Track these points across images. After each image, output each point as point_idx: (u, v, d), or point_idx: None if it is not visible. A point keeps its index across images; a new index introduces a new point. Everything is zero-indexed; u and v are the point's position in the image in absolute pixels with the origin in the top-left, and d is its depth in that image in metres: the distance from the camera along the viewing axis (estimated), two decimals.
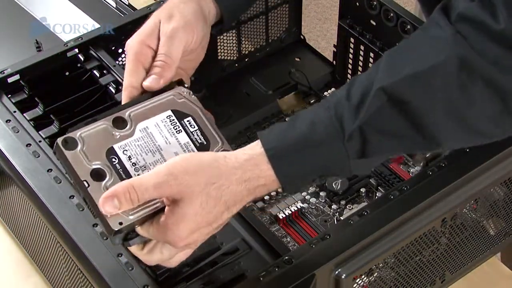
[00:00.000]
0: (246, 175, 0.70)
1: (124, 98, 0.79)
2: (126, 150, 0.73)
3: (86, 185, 0.70)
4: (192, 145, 0.75)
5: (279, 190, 0.94)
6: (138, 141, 0.74)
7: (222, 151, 0.75)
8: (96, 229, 0.80)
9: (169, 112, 0.76)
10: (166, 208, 0.70)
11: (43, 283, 0.94)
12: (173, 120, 0.76)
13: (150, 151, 0.74)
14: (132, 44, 0.80)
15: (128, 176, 0.72)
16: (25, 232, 0.94)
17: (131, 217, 0.69)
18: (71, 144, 0.72)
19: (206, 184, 0.69)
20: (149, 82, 0.78)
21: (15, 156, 0.87)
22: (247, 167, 0.70)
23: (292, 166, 0.71)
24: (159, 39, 0.80)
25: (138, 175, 0.72)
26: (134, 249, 0.73)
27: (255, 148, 0.71)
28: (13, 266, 0.97)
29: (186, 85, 0.79)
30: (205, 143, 0.75)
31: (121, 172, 0.72)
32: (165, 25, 0.80)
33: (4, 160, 0.87)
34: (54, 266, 0.88)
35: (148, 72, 0.79)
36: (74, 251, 0.79)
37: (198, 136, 0.76)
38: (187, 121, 0.76)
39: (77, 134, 0.72)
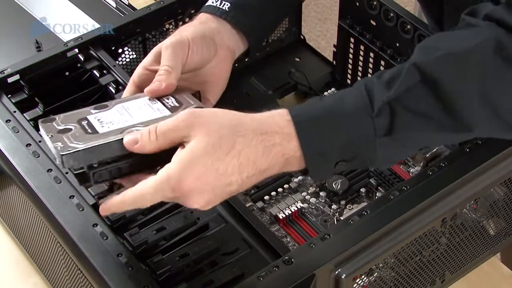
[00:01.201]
0: (264, 128, 0.68)
1: None
2: (98, 117, 0.76)
3: (50, 136, 0.73)
4: (164, 108, 0.77)
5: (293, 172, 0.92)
6: (112, 111, 0.77)
7: (193, 107, 0.76)
8: (96, 229, 0.80)
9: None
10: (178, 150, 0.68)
11: (43, 283, 0.94)
12: (153, 99, 0.79)
13: (121, 114, 0.77)
14: (135, 71, 0.83)
15: (92, 128, 0.74)
16: (25, 232, 0.94)
17: (80, 145, 0.71)
18: (49, 120, 0.76)
19: (222, 126, 0.67)
20: (150, 86, 0.79)
21: (15, 156, 0.87)
22: (266, 121, 0.69)
23: (314, 132, 0.69)
24: (158, 64, 0.82)
25: (102, 126, 0.74)
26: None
27: (280, 110, 0.70)
28: (13, 266, 0.97)
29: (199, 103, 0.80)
30: (177, 105, 0.77)
31: (86, 126, 0.74)
32: (164, 42, 0.83)
33: (4, 160, 0.87)
34: (54, 266, 0.88)
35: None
36: (74, 251, 0.79)
37: (171, 102, 0.78)
38: (167, 97, 0.78)
39: (58, 115, 0.77)
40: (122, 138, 0.72)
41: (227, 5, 0.87)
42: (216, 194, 0.69)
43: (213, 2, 0.88)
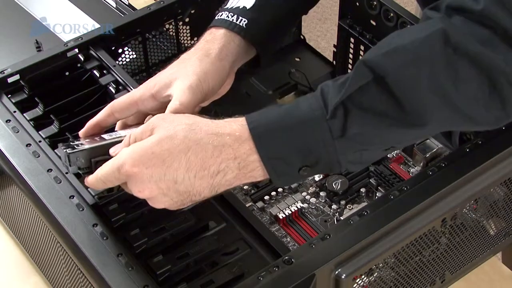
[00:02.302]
0: (215, 129, 0.70)
1: (85, 130, 0.83)
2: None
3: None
4: None
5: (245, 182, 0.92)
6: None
7: None
8: (96, 229, 0.80)
9: None
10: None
11: (43, 283, 0.94)
12: None
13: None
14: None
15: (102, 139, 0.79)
16: (25, 232, 0.94)
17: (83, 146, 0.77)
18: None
19: (179, 124, 0.71)
20: None
21: (15, 156, 0.87)
22: (220, 124, 0.71)
23: (269, 135, 0.69)
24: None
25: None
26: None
27: (237, 118, 0.72)
28: (13, 266, 0.97)
29: None
30: None
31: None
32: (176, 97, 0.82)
33: (4, 160, 0.87)
34: (54, 266, 0.88)
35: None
36: (74, 251, 0.79)
37: None
38: None
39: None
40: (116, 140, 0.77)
41: (245, 21, 0.86)
42: (163, 188, 0.71)
43: (228, 17, 0.86)
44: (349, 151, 0.70)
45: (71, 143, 0.78)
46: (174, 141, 0.70)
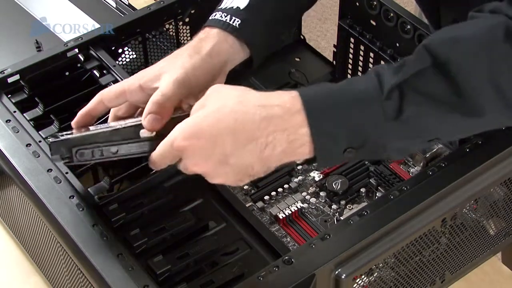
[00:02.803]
0: (264, 100, 0.70)
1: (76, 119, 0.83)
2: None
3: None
4: None
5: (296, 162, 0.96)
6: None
7: None
8: (96, 229, 0.80)
9: None
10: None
11: (43, 283, 0.94)
12: None
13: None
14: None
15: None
16: (25, 232, 0.94)
17: (68, 136, 0.76)
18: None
19: (231, 96, 0.72)
20: (150, 122, 0.78)
21: (15, 156, 0.87)
22: (270, 94, 0.71)
23: (323, 108, 0.69)
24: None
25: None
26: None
27: (288, 90, 0.71)
28: (13, 266, 0.97)
29: None
30: None
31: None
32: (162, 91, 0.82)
33: (4, 160, 0.87)
34: (54, 266, 0.88)
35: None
36: (74, 251, 0.79)
37: None
38: None
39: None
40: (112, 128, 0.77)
41: (238, 21, 0.86)
42: (215, 161, 0.71)
43: (221, 17, 0.86)
44: (398, 136, 0.70)
45: (57, 134, 0.79)
46: (222, 114, 0.70)
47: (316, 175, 0.99)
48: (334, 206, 0.96)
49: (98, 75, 0.97)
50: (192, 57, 0.83)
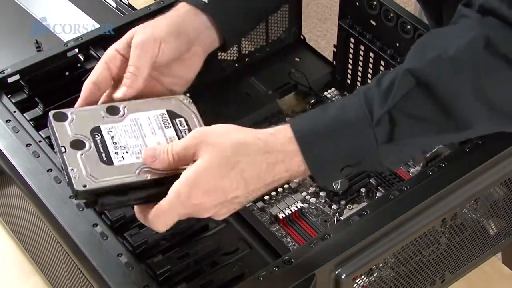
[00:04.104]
0: (267, 147, 0.71)
1: (82, 93, 0.81)
2: (111, 131, 0.76)
3: (63, 150, 0.74)
4: (177, 139, 0.77)
5: (295, 181, 0.97)
6: (125, 126, 0.77)
7: None
8: (96, 229, 0.80)
9: (163, 111, 0.79)
10: (187, 169, 0.71)
11: (43, 283, 0.94)
12: (165, 117, 0.79)
13: (134, 136, 0.76)
14: (107, 51, 0.83)
15: (106, 151, 0.74)
16: (25, 232, 0.94)
17: (96, 183, 0.72)
18: (61, 117, 0.76)
19: (227, 146, 0.71)
20: (118, 93, 0.80)
21: (15, 156, 0.87)
22: (270, 140, 0.72)
23: (321, 151, 0.71)
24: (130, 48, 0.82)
25: (116, 152, 0.75)
26: (141, 212, 0.74)
27: (282, 127, 0.73)
28: (13, 266, 0.97)
29: (187, 94, 0.81)
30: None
31: (100, 147, 0.74)
32: (136, 36, 0.83)
33: (4, 160, 0.87)
34: (54, 266, 0.88)
35: (114, 78, 0.82)
36: (74, 251, 0.79)
37: (185, 133, 0.78)
38: (179, 121, 0.79)
39: (70, 111, 0.76)
40: (137, 180, 0.74)
41: None
42: (225, 206, 0.73)
43: None
44: (391, 154, 0.73)
45: (61, 112, 0.77)
46: (228, 166, 0.71)
47: None
48: (334, 206, 0.96)
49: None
50: (163, 21, 0.84)
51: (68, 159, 0.73)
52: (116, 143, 0.75)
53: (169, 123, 0.78)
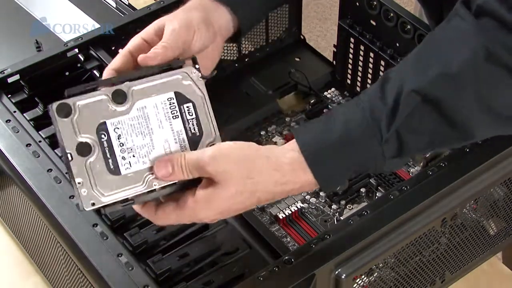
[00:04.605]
0: (284, 179, 0.73)
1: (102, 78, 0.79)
2: (118, 128, 0.73)
3: (70, 158, 0.71)
4: (184, 134, 0.75)
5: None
6: (132, 120, 0.74)
7: (212, 143, 0.76)
8: (96, 229, 0.80)
9: (171, 94, 0.76)
10: (200, 187, 0.72)
11: (43, 283, 0.94)
12: (173, 103, 0.76)
13: (141, 133, 0.74)
14: (132, 39, 0.82)
15: (113, 156, 0.72)
16: (25, 232, 0.94)
17: (104, 199, 0.71)
18: (65, 111, 0.72)
19: (245, 176, 0.72)
20: (145, 56, 0.78)
21: (15, 156, 0.87)
22: (286, 171, 0.73)
23: (330, 168, 0.73)
24: (159, 38, 0.81)
25: (123, 157, 0.73)
26: (144, 210, 0.74)
27: (295, 152, 0.73)
28: (13, 266, 0.97)
29: (197, 66, 0.78)
30: (197, 134, 0.76)
31: (107, 151, 0.72)
32: (171, 22, 0.82)
33: (4, 160, 0.87)
34: (54, 266, 0.88)
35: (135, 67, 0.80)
36: (74, 251, 0.79)
37: (193, 125, 0.76)
38: (187, 107, 0.76)
39: (73, 101, 0.72)
40: (146, 191, 0.73)
41: None
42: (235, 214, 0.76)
43: None
44: (398, 164, 0.75)
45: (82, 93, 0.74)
46: (245, 194, 0.72)
47: None
48: (334, 206, 0.96)
49: (98, 75, 0.97)
50: (195, 11, 0.84)
51: (74, 169, 0.71)
52: (122, 144, 0.73)
53: (176, 112, 0.76)
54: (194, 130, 0.76)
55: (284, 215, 0.94)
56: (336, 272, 0.76)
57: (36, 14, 1.27)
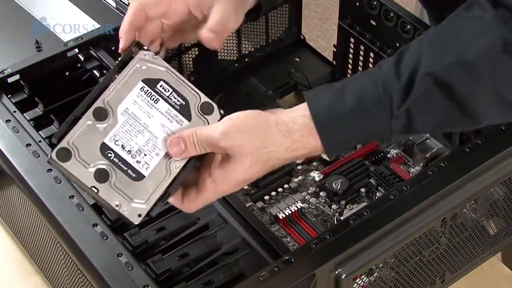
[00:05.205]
0: (294, 145, 0.74)
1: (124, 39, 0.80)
2: (117, 140, 0.74)
3: (96, 190, 0.71)
4: (173, 110, 0.76)
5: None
6: (124, 126, 0.74)
7: (201, 104, 0.76)
8: (96, 229, 0.80)
9: (141, 84, 0.76)
10: (215, 165, 0.73)
11: (43, 283, 0.94)
12: (147, 90, 0.76)
13: (139, 132, 0.74)
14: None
15: (129, 166, 0.73)
16: (25, 232, 0.94)
17: (146, 206, 0.72)
18: (65, 155, 0.72)
19: (258, 147, 0.73)
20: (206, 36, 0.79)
21: (15, 156, 0.87)
22: (296, 138, 0.74)
23: (338, 136, 0.74)
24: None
25: (137, 161, 0.73)
26: (173, 201, 0.75)
27: (305, 118, 0.74)
28: (13, 266, 0.97)
29: (145, 47, 0.78)
30: (184, 103, 0.76)
31: (121, 165, 0.73)
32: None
33: (4, 160, 0.87)
34: (54, 266, 0.88)
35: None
36: (74, 251, 0.79)
37: (175, 98, 0.76)
38: (160, 86, 0.77)
39: (66, 142, 0.72)
40: (174, 178, 0.73)
41: None
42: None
43: None
44: (403, 138, 0.79)
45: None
46: (259, 167, 0.74)
47: (316, 175, 0.99)
48: (334, 206, 0.96)
49: (98, 75, 0.97)
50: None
51: (106, 197, 0.72)
52: (130, 152, 0.73)
53: (155, 96, 0.76)
54: (179, 101, 0.76)
55: (284, 215, 0.94)
56: (336, 272, 0.76)
57: (36, 14, 1.27)
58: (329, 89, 0.75)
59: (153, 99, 0.76)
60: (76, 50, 1.00)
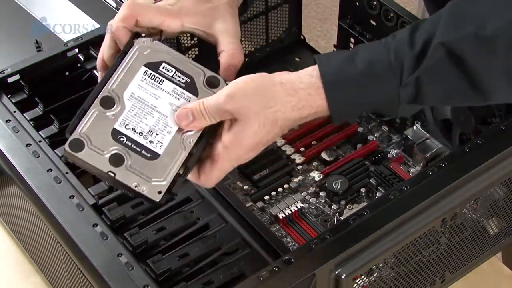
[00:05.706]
0: (300, 104, 0.74)
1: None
2: (127, 124, 0.75)
3: (113, 175, 0.73)
4: (180, 88, 0.77)
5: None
6: (132, 110, 0.76)
7: (206, 78, 0.78)
8: (96, 229, 0.80)
9: (143, 68, 0.78)
10: (224, 131, 0.74)
11: (43, 283, 0.94)
12: (151, 73, 0.77)
13: (147, 113, 0.76)
14: None
15: (142, 147, 0.74)
16: (25, 232, 0.94)
17: (164, 182, 0.73)
18: (78, 145, 0.73)
19: (264, 107, 0.73)
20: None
21: (15, 156, 0.87)
22: (302, 96, 0.74)
23: (345, 100, 0.74)
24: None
25: (150, 141, 0.74)
26: (191, 178, 0.76)
27: (312, 77, 0.74)
28: (13, 266, 0.97)
29: (143, 35, 0.80)
30: (188, 80, 0.77)
31: (135, 147, 0.74)
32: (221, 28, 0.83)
33: (4, 160, 0.87)
34: (54, 266, 0.88)
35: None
36: (74, 251, 0.79)
37: (179, 77, 0.78)
38: (163, 67, 0.78)
39: (77, 133, 0.74)
40: (190, 153, 0.74)
41: None
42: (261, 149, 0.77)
43: None
44: (410, 109, 0.76)
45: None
46: (268, 128, 0.74)
47: (316, 175, 0.99)
48: (334, 206, 0.96)
49: (98, 75, 0.97)
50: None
51: (123, 179, 0.73)
52: (141, 133, 0.75)
53: (159, 77, 0.77)
54: (183, 79, 0.77)
55: (284, 215, 0.94)
56: (336, 272, 0.76)
57: (36, 14, 1.27)
58: (340, 53, 0.75)
59: (158, 81, 0.77)
60: (76, 50, 1.00)
